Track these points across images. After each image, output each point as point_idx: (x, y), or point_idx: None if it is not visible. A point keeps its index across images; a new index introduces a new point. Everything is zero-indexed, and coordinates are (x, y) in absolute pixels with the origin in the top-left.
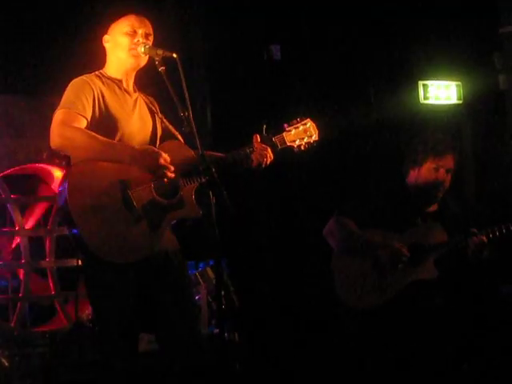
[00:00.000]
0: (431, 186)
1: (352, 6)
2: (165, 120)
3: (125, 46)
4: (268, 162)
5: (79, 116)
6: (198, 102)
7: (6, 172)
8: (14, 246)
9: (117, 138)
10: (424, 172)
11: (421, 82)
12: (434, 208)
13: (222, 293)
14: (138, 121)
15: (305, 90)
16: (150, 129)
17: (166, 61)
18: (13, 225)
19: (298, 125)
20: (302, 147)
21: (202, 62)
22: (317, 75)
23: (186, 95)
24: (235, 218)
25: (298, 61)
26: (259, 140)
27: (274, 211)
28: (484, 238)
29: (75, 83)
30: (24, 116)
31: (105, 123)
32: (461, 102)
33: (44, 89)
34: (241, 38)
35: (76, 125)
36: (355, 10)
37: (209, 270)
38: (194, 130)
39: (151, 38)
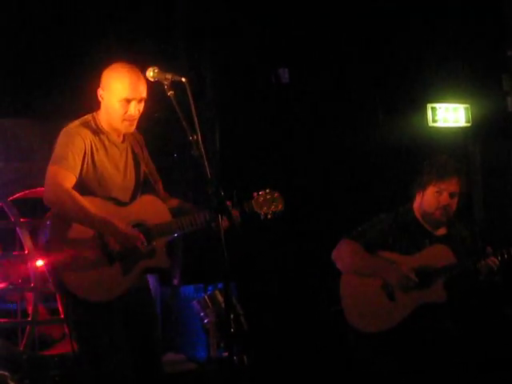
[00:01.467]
0: (434, 209)
1: (361, 28)
2: (148, 162)
3: (118, 116)
4: (236, 224)
5: (70, 174)
6: (207, 126)
7: (15, 196)
8: (23, 270)
9: (101, 190)
10: (428, 195)
11: (429, 105)
12: (442, 231)
13: (231, 316)
14: (122, 173)
15: (313, 113)
16: (134, 180)
17: (175, 85)
18: (22, 249)
19: (267, 195)
20: (269, 216)
21: (211, 85)
22: (325, 98)
23: (195, 119)
24: (243, 241)
25: (306, 84)
26: (229, 204)
27: (282, 233)
28: (496, 260)
29: (68, 135)
30: (33, 140)
31: (91, 176)
32: (469, 124)
33: (52, 113)
34: (249, 62)
35: (67, 183)
36: (364, 32)
37: (217, 293)
38: (203, 153)
39: (143, 102)
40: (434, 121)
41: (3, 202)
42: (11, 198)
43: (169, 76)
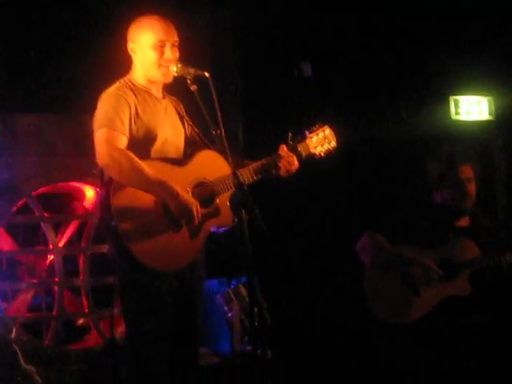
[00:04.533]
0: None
1: (383, 22)
2: (190, 123)
3: (154, 62)
4: (294, 170)
5: (121, 135)
6: (230, 120)
7: (39, 191)
8: (47, 263)
9: (153, 148)
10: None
11: (452, 98)
12: (465, 222)
13: (255, 310)
14: (170, 127)
15: (335, 107)
16: (182, 134)
17: (198, 79)
18: (46, 243)
19: (319, 131)
20: (323, 154)
21: (234, 78)
22: (347, 91)
23: (218, 114)
24: (267, 234)
25: (328, 77)
26: (286, 149)
27: (305, 227)
28: None
29: (110, 97)
30: (56, 135)
31: (140, 135)
32: (492, 117)
33: (74, 107)
34: (272, 55)
35: (120, 145)
36: (386, 26)
37: (241, 286)
38: (227, 147)
39: (177, 45)
40: (457, 113)
41: (27, 196)
42: (34, 193)
43: (192, 70)
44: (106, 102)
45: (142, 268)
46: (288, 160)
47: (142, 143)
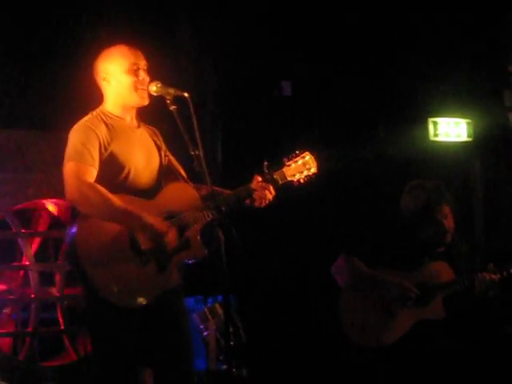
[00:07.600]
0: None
1: (363, 43)
2: (167, 153)
3: (130, 86)
4: (270, 199)
5: (90, 167)
6: (209, 140)
7: (17, 207)
8: (20, 279)
9: (123, 175)
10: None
11: (430, 120)
12: (442, 247)
13: (230, 329)
14: (143, 157)
15: (315, 126)
16: (156, 163)
17: (178, 100)
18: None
19: (298, 158)
20: (302, 180)
21: (213, 98)
22: (327, 112)
23: (197, 134)
24: (244, 254)
25: (308, 97)
26: (260, 179)
27: (282, 248)
28: (493, 276)
29: (80, 131)
30: (36, 151)
31: (111, 164)
32: (471, 139)
33: (55, 124)
34: (252, 75)
35: (89, 178)
36: (366, 47)
37: (217, 305)
38: (205, 168)
39: (147, 69)
40: (436, 135)
41: (5, 212)
42: (13, 209)
43: (171, 91)
44: (75, 135)
45: (106, 303)
46: (262, 192)
47: (113, 174)
